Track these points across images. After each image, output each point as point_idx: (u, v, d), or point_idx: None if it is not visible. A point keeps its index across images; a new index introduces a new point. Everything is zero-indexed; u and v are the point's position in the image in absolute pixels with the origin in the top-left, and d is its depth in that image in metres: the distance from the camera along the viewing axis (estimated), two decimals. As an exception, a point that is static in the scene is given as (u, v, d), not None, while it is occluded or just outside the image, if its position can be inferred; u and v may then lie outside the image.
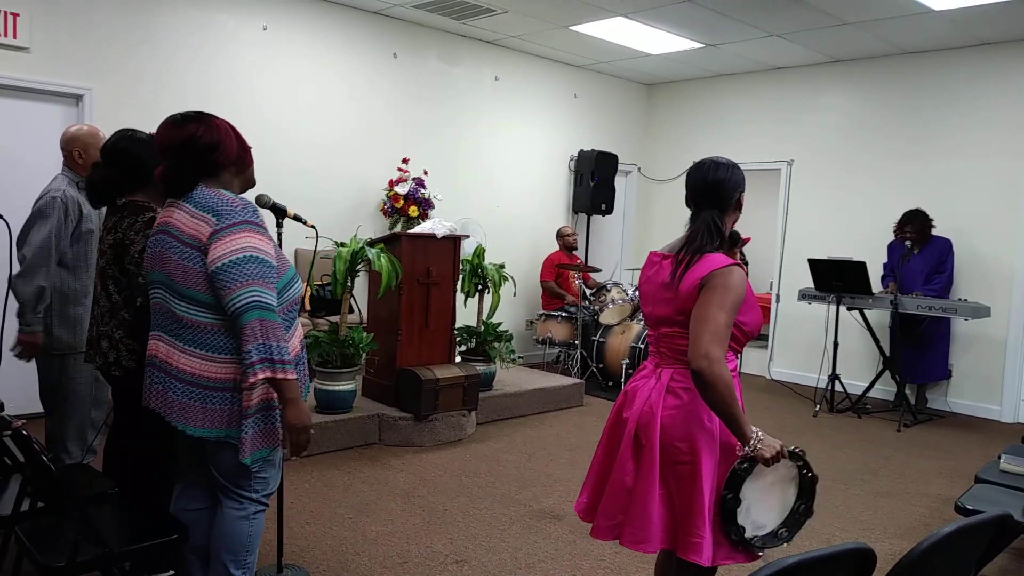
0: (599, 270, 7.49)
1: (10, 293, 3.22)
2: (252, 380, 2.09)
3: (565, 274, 7.41)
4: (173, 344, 2.24)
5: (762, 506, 2.09)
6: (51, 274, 3.29)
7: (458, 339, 5.69)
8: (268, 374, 2.10)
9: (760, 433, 2.01)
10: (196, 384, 2.21)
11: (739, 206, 2.22)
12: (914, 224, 6.36)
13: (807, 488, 2.13)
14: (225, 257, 2.12)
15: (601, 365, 6.95)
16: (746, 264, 2.44)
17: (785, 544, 2.12)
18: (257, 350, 2.09)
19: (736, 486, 2.02)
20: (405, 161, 6.75)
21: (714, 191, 2.17)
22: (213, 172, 2.27)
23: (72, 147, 3.43)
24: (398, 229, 6.44)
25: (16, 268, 3.26)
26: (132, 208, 2.60)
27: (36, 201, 3.35)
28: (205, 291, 2.17)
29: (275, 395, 2.23)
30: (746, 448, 2.00)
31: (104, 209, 2.79)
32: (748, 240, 2.39)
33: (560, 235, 7.62)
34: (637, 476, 2.15)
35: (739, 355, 2.21)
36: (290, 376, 2.14)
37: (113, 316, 2.59)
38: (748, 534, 2.05)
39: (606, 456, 2.29)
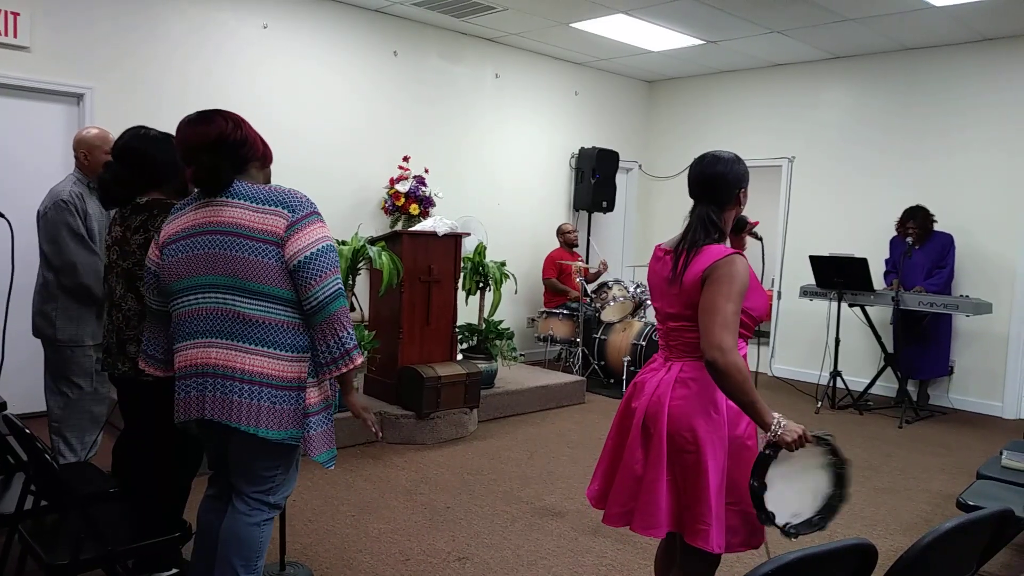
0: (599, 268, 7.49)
1: (12, 295, 3.24)
2: (353, 366, 2.18)
3: (567, 271, 7.41)
4: (234, 346, 2.17)
5: (797, 494, 2.09)
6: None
7: (459, 337, 5.70)
8: (361, 359, 2.21)
9: (782, 419, 2.02)
10: (266, 384, 2.16)
11: (739, 202, 2.22)
12: (916, 220, 6.35)
13: (840, 474, 2.14)
14: (307, 249, 2.16)
15: (603, 362, 6.95)
16: (760, 239, 2.44)
17: (819, 530, 2.12)
18: (351, 337, 2.18)
19: (761, 472, 2.02)
20: (406, 159, 6.75)
21: (712, 185, 2.19)
22: (242, 167, 2.28)
23: (78, 149, 3.52)
24: (399, 227, 6.44)
25: (23, 264, 3.29)
26: (161, 206, 2.56)
27: (44, 203, 3.41)
28: (284, 286, 2.17)
29: (331, 393, 2.31)
30: (767, 434, 2.01)
31: (112, 211, 2.79)
32: (756, 224, 2.39)
33: (560, 232, 7.62)
34: (646, 464, 2.19)
35: (749, 342, 2.23)
36: (359, 362, 2.25)
37: (143, 319, 2.55)
38: (780, 521, 2.04)
39: (616, 445, 2.33)
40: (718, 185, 2.18)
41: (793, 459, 2.06)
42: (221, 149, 2.21)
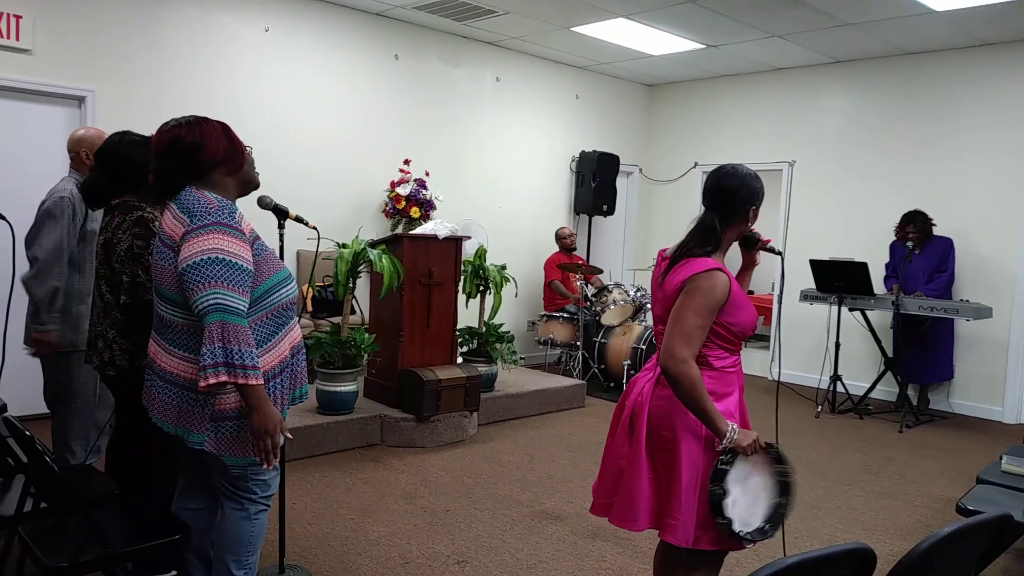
0: (601, 271, 7.48)
1: (13, 294, 3.24)
2: (203, 384, 2.05)
3: (567, 274, 7.42)
4: (160, 344, 2.28)
5: (751, 504, 2.17)
6: (63, 274, 3.35)
7: (460, 340, 5.70)
8: (224, 378, 2.05)
9: (736, 427, 2.11)
10: (174, 383, 2.23)
11: (748, 218, 2.25)
12: (916, 224, 6.36)
13: (786, 483, 2.21)
14: (191, 258, 2.11)
15: (603, 366, 6.95)
16: (779, 253, 2.45)
17: (769, 538, 2.21)
18: (212, 353, 2.04)
19: (720, 478, 2.11)
20: (407, 162, 6.76)
21: (721, 197, 2.24)
22: (201, 173, 2.27)
23: (80, 147, 3.49)
24: (400, 230, 6.45)
25: (23, 267, 3.28)
26: (122, 207, 2.63)
27: (43, 201, 3.41)
28: (178, 292, 2.19)
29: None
30: (723, 441, 2.10)
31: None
32: (768, 241, 2.41)
33: (558, 237, 7.62)
34: (628, 459, 2.27)
35: (734, 353, 2.26)
36: (252, 382, 2.08)
37: (107, 316, 2.61)
38: (736, 528, 2.12)
39: (609, 440, 2.42)
40: (729, 197, 2.22)
41: (752, 473, 2.15)
42: (171, 155, 2.25)
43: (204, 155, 2.26)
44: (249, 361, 2.08)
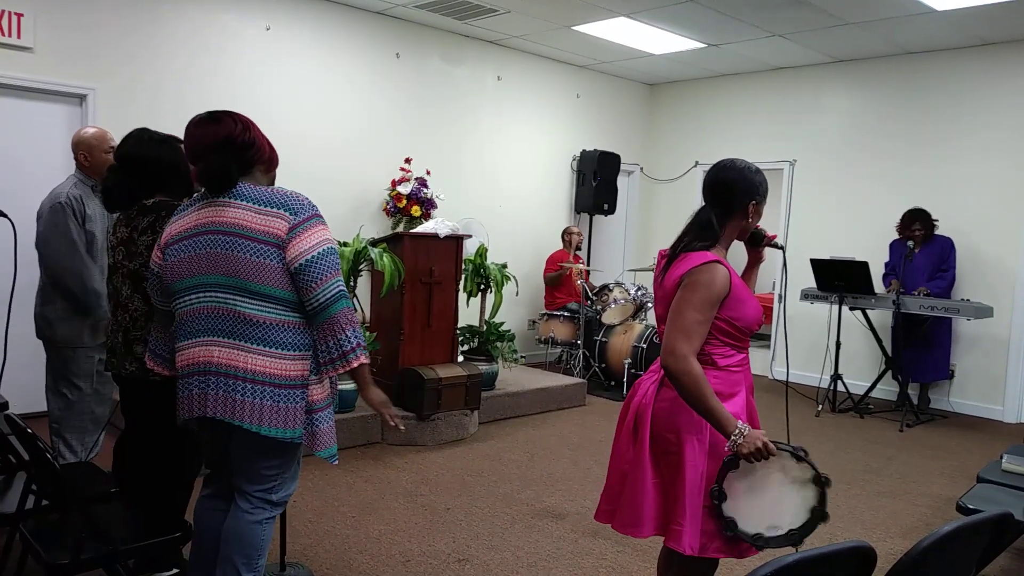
0: (600, 271, 7.48)
1: (14, 295, 3.25)
2: (348, 368, 2.20)
3: (568, 272, 7.41)
4: (236, 345, 2.18)
5: (774, 506, 2.06)
6: (96, 276, 3.37)
7: (460, 339, 5.70)
8: (364, 360, 2.22)
9: (745, 429, 2.00)
10: (269, 383, 2.17)
11: (748, 213, 2.18)
12: (921, 222, 6.36)
13: (822, 491, 2.06)
14: (310, 251, 2.17)
15: (603, 365, 6.95)
16: (782, 248, 2.41)
17: (794, 547, 2.06)
18: (355, 336, 2.19)
19: (720, 478, 2.04)
20: (408, 161, 6.76)
21: (718, 192, 2.19)
22: (247, 169, 2.27)
23: (78, 150, 3.50)
24: (401, 229, 6.45)
25: (25, 265, 3.28)
26: (168, 207, 2.56)
27: (43, 203, 3.41)
28: (285, 287, 2.18)
29: (334, 391, 2.35)
30: (728, 444, 2.01)
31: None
32: (774, 237, 2.34)
33: (566, 232, 7.61)
34: (632, 463, 2.21)
35: (741, 351, 2.19)
36: (367, 360, 2.27)
37: (150, 320, 2.56)
38: (749, 529, 2.03)
39: (614, 444, 2.38)
40: (727, 192, 2.16)
41: (766, 471, 2.04)
42: (228, 149, 2.21)
43: (254, 152, 2.28)
44: (364, 342, 2.26)
